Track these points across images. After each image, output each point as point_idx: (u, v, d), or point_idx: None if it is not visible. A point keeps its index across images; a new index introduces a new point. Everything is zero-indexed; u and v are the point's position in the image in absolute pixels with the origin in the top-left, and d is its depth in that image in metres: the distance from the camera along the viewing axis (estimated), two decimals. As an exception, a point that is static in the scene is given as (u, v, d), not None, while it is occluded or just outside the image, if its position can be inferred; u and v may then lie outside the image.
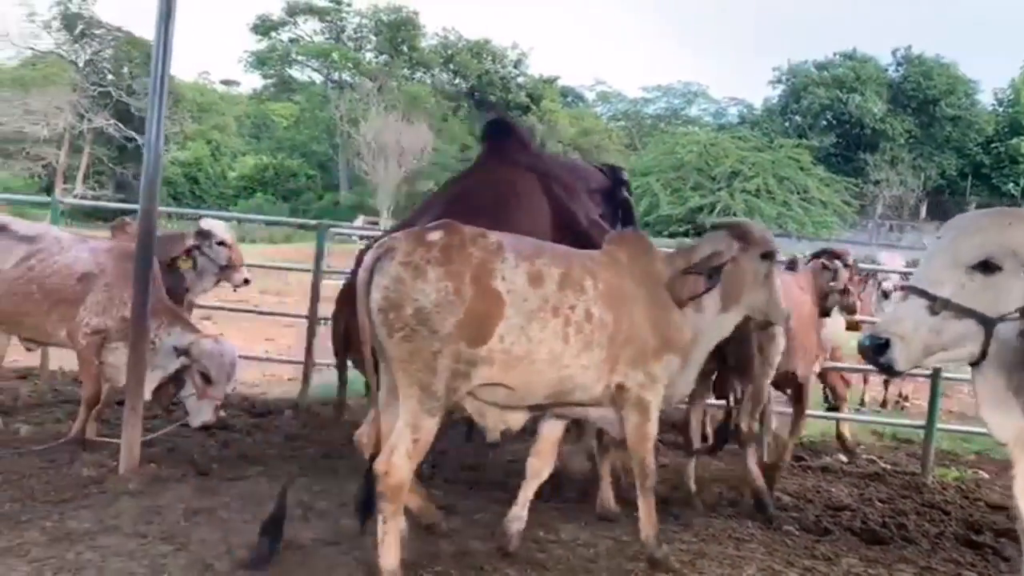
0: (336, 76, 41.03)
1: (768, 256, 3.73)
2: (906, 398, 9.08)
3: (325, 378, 6.66)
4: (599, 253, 3.62)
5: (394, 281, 3.12)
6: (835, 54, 42.07)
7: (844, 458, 6.28)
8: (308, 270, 7.07)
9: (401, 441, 3.16)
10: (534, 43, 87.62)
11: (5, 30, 34.36)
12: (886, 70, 41.02)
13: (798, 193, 31.28)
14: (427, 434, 3.18)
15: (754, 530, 4.31)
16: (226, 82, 51.35)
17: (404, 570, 3.37)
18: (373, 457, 3.28)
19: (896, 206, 37.67)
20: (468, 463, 5.14)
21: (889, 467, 6.14)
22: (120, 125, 34.47)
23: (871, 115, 38.12)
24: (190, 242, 5.67)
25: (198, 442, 5.06)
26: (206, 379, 4.68)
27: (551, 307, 3.26)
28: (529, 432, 4.31)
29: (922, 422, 6.30)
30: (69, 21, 35.13)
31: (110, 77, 35.80)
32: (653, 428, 3.57)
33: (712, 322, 3.69)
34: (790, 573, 3.58)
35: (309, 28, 41.41)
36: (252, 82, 49.35)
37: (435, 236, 3.19)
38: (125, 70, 35.65)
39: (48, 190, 30.72)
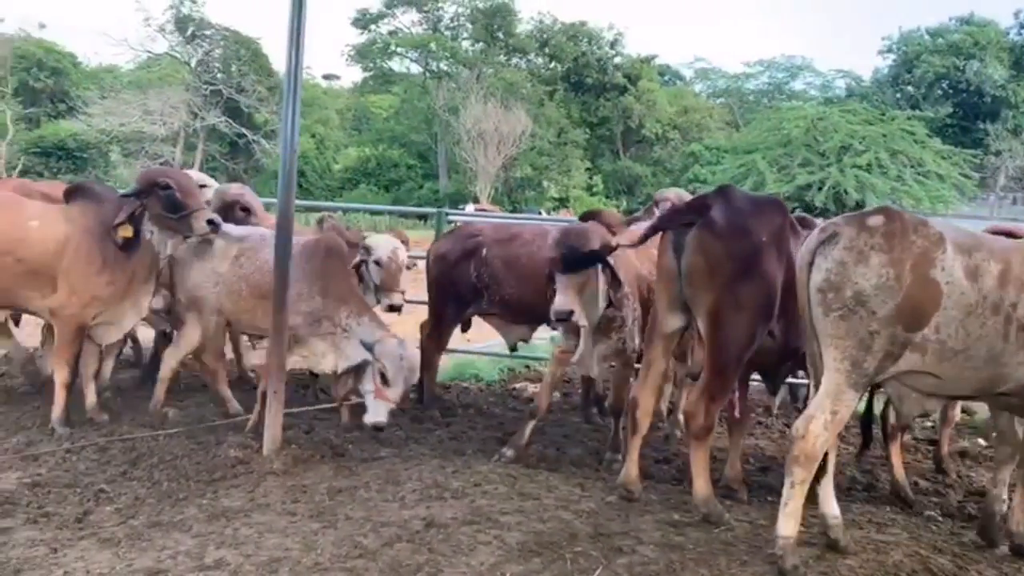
0: (434, 66, 41.49)
1: None
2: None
3: (444, 363, 6.81)
4: None
5: (837, 264, 3.29)
6: (950, 19, 40.02)
7: (982, 441, 6.02)
8: (422, 257, 7.20)
9: (820, 411, 3.33)
10: (630, 22, 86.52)
11: (124, 36, 36.19)
12: (1007, 34, 38.73)
13: (913, 167, 29.89)
14: (847, 407, 3.34)
15: (894, 515, 4.20)
16: (328, 76, 52.74)
17: (543, 549, 3.45)
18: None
19: (1020, 177, 35.60)
20: (593, 447, 5.16)
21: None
22: (231, 122, 35.83)
23: (991, 82, 36.06)
24: (359, 256, 5.71)
25: (333, 424, 5.24)
26: (384, 379, 4.73)
27: (990, 304, 3.29)
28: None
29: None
30: (181, 23, 36.69)
31: (220, 76, 37.20)
32: None
33: None
34: (941, 560, 3.46)
35: (407, 20, 42.03)
36: (353, 75, 50.61)
37: (876, 221, 3.32)
38: (234, 68, 36.98)
39: (166, 187, 32.27)
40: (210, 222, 5.00)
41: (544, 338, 7.22)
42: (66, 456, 4.44)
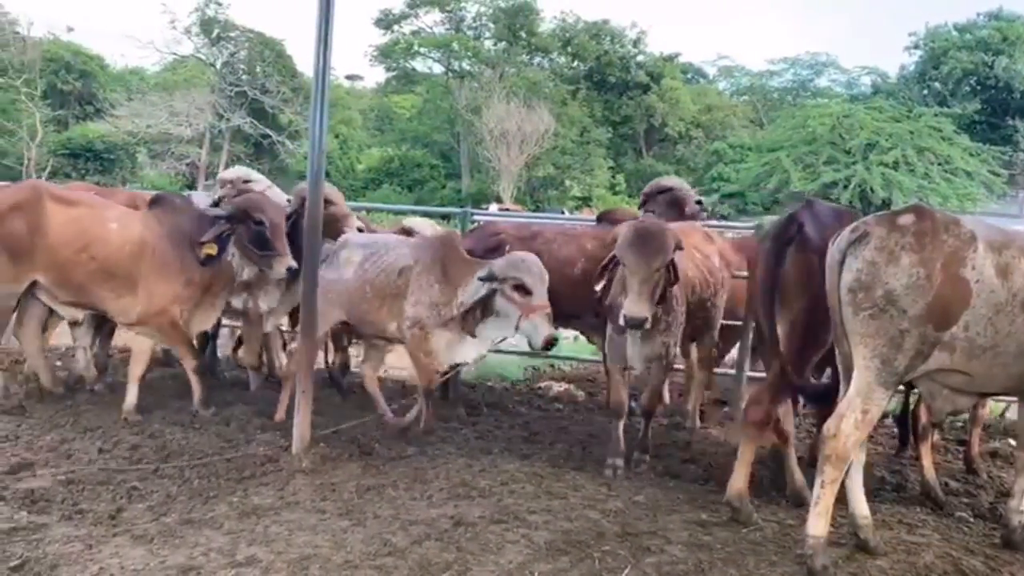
0: (456, 66, 41.52)
1: None
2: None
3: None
4: None
5: (868, 264, 3.32)
6: (978, 15, 39.40)
7: (1013, 442, 5.94)
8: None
9: (851, 410, 3.35)
10: (653, 21, 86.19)
11: (150, 38, 36.57)
12: (1037, 29, 38.10)
13: (940, 164, 29.51)
14: (877, 406, 3.37)
15: (925, 516, 4.16)
16: (351, 77, 52.91)
17: (571, 548, 3.45)
18: None
19: (1050, 175, 35.02)
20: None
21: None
22: (256, 123, 36.05)
23: (1021, 78, 35.44)
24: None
25: (359, 424, 5.28)
26: (524, 291, 4.54)
27: (1020, 301, 3.29)
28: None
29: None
30: (206, 26, 36.94)
31: (245, 77, 37.41)
32: None
33: None
34: (972, 561, 3.43)
35: (430, 20, 42.05)
36: (375, 76, 50.78)
37: (907, 220, 3.35)
38: (258, 70, 37.19)
39: (191, 187, 32.55)
40: (289, 269, 5.22)
41: (568, 337, 7.23)
42: (99, 454, 4.51)
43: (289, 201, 5.78)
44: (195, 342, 5.61)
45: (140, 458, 4.47)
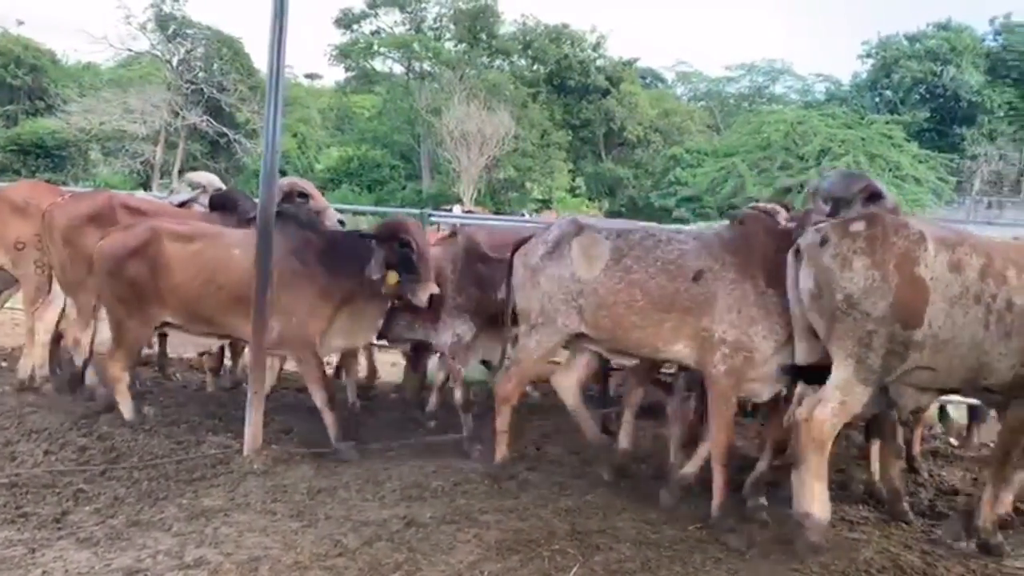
0: (417, 67, 41.38)
1: None
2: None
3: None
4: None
5: (824, 270, 3.48)
6: (928, 25, 40.35)
7: (954, 441, 6.13)
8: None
9: (829, 399, 3.50)
10: (613, 25, 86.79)
11: (104, 33, 35.88)
12: (983, 40, 39.11)
13: (891, 170, 30.11)
14: (856, 399, 3.52)
15: (866, 513, 4.27)
16: (310, 76, 52.51)
17: (521, 547, 3.49)
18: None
19: (995, 182, 35.98)
20: (572, 446, 5.20)
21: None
22: (212, 121, 35.55)
23: (967, 87, 36.41)
24: None
25: (312, 425, 5.25)
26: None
27: (973, 294, 3.44)
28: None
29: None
30: (162, 22, 36.34)
31: (201, 75, 36.87)
32: None
33: None
34: (910, 557, 3.53)
35: (390, 20, 41.83)
36: (335, 75, 50.31)
37: (858, 227, 3.51)
38: (215, 67, 36.70)
39: (145, 185, 32.00)
40: (431, 296, 4.89)
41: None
42: (45, 456, 4.43)
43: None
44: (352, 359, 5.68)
45: (87, 460, 4.40)
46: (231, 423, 5.15)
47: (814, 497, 3.52)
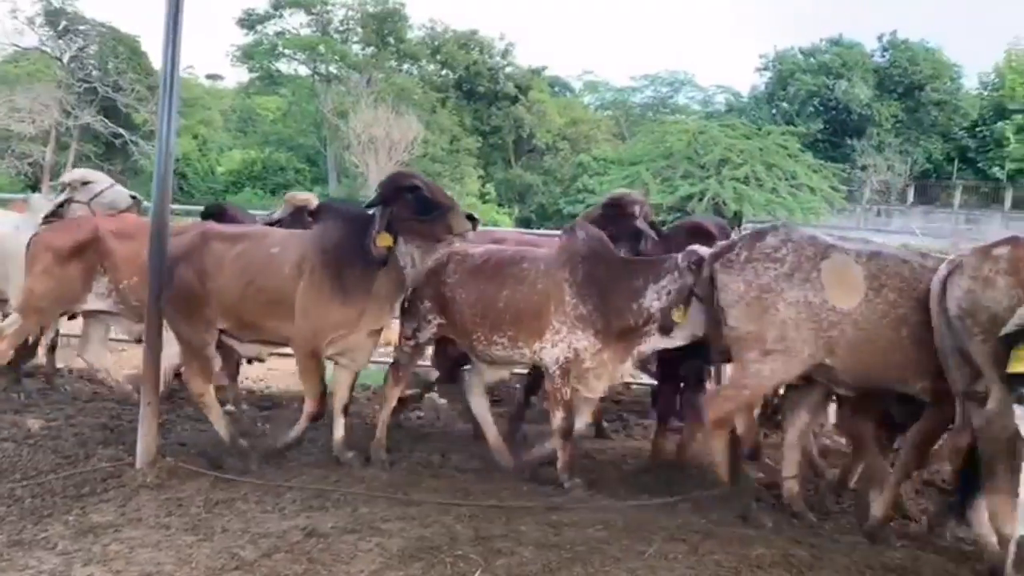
0: (323, 69, 40.79)
1: None
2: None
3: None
4: None
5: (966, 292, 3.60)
6: (821, 40, 42.19)
7: (844, 440, 6.37)
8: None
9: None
10: (521, 33, 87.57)
11: (-13, 27, 34.06)
12: (872, 55, 41.14)
13: (787, 180, 31.37)
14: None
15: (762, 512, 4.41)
16: (211, 76, 51.03)
17: (424, 554, 3.48)
18: None
19: (883, 191, 37.81)
20: (477, 451, 5.21)
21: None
22: (107, 121, 34.18)
23: (857, 101, 38.22)
24: None
25: (209, 437, 5.10)
26: None
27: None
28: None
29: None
30: (52, 17, 34.75)
31: (95, 73, 35.42)
32: None
33: None
34: (798, 551, 3.67)
35: (295, 21, 41.11)
36: (238, 76, 49.06)
37: (1002, 251, 3.63)
38: (110, 66, 35.31)
39: (35, 187, 30.50)
40: (470, 217, 4.48)
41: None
42: (-83, 474, 4.17)
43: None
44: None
45: (-35, 478, 4.17)
46: (123, 435, 4.97)
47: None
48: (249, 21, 40.64)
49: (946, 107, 39.12)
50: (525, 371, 5.61)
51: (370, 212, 4.57)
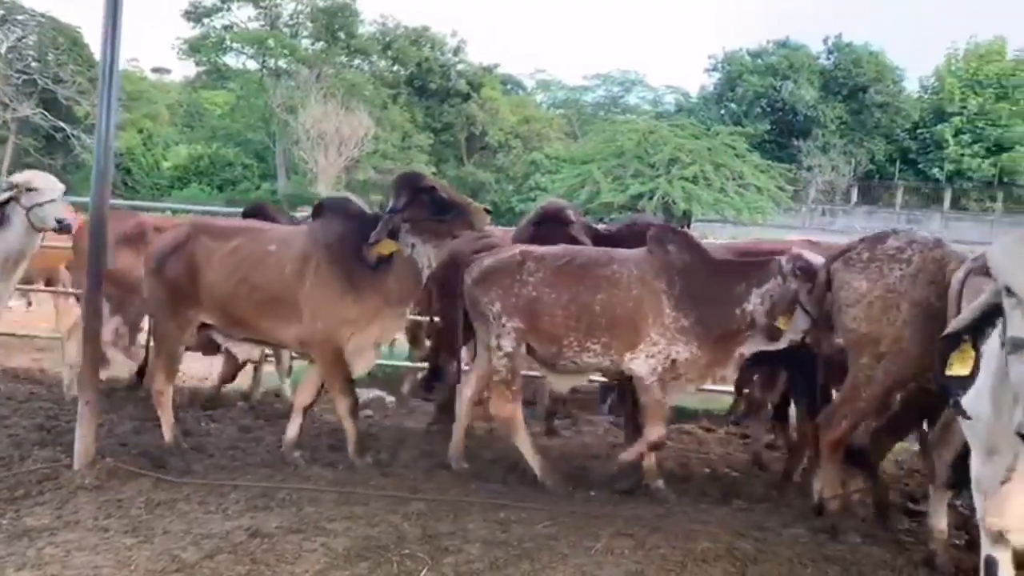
0: (272, 63, 40.23)
1: None
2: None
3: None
4: None
5: None
6: (768, 42, 42.88)
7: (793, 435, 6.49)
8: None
9: None
10: (473, 31, 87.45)
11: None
12: (818, 58, 41.93)
13: (734, 179, 31.79)
14: None
15: (708, 506, 4.47)
16: (157, 70, 50.02)
17: (370, 553, 3.45)
18: None
19: (828, 191, 38.60)
20: (427, 449, 5.18)
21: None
22: (47, 114, 33.28)
23: (803, 102, 38.92)
24: None
25: (151, 437, 5.00)
26: None
27: None
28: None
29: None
30: (-12, 6, 33.77)
31: (34, 64, 34.47)
32: None
33: None
34: (742, 544, 3.73)
35: (243, 15, 40.50)
36: (184, 70, 48.24)
37: None
38: (50, 57, 34.36)
39: (-30, 182, 29.56)
40: (487, 210, 4.47)
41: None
42: None
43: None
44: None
45: None
46: (60, 436, 4.84)
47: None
48: (196, 14, 39.93)
49: (889, 109, 40.06)
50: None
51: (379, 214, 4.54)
